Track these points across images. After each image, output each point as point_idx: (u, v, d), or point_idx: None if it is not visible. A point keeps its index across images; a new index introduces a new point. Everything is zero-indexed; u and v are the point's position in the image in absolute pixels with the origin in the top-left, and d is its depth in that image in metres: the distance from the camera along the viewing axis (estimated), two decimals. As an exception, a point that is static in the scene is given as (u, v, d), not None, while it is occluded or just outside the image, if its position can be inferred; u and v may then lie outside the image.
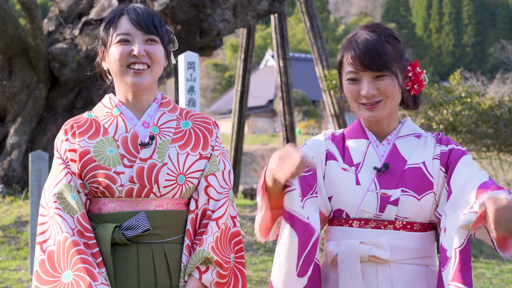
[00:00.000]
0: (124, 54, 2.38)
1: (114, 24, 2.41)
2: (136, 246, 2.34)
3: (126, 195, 2.35)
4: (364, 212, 2.39)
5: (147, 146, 2.38)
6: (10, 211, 9.55)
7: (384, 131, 2.49)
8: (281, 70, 14.42)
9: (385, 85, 2.38)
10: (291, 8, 46.25)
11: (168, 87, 16.56)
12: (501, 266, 9.14)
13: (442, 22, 57.98)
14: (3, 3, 10.69)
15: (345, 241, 2.40)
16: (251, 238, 9.26)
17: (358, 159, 2.45)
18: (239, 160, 14.86)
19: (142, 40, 2.39)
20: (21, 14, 13.98)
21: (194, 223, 2.40)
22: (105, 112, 2.46)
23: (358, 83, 2.40)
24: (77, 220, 2.32)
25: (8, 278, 7.01)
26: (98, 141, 2.39)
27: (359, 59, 2.37)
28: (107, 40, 2.42)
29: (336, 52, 24.95)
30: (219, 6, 10.78)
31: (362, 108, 2.43)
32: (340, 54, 2.47)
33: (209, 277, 2.34)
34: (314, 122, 36.98)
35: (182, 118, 2.50)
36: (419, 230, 2.40)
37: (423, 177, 2.39)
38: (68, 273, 2.25)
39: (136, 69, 2.39)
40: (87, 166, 2.36)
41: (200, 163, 2.43)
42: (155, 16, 2.45)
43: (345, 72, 2.43)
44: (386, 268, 2.37)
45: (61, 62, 11.05)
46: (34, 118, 11.31)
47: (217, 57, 46.75)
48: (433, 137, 2.49)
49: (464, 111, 11.02)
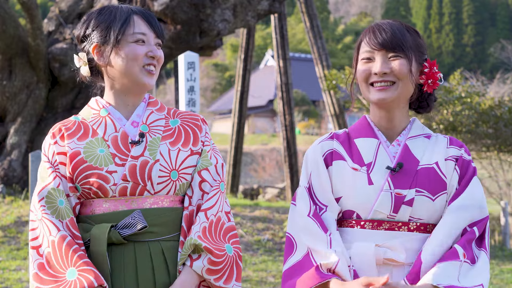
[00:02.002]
0: (142, 54, 2.38)
1: (130, 22, 2.39)
2: (133, 245, 2.33)
3: (120, 194, 2.34)
4: (378, 213, 2.34)
5: (138, 144, 2.37)
6: (10, 211, 9.55)
7: (394, 128, 2.45)
8: (281, 70, 14.41)
9: (399, 65, 2.35)
10: (291, 8, 46.23)
11: (168, 87, 16.56)
12: (501, 266, 9.14)
13: (442, 22, 57.96)
14: (3, 3, 10.68)
15: (358, 244, 2.34)
16: (251, 238, 9.26)
17: (369, 158, 2.40)
18: (239, 160, 14.86)
19: (154, 42, 2.41)
20: (21, 14, 13.98)
21: (189, 220, 2.39)
22: (92, 114, 2.45)
23: (372, 62, 2.38)
24: (66, 225, 2.30)
25: (8, 278, 7.01)
26: (87, 142, 2.38)
27: (376, 37, 2.36)
28: (120, 37, 2.37)
29: (336, 52, 25.13)
30: (219, 6, 10.77)
31: (372, 90, 2.39)
32: (359, 39, 2.46)
33: (200, 264, 2.32)
34: (314, 122, 36.98)
35: (170, 116, 2.51)
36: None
37: (437, 177, 2.36)
38: (71, 270, 2.23)
39: (151, 70, 2.41)
40: (78, 167, 2.34)
41: (192, 159, 2.43)
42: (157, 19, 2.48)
43: (361, 53, 2.41)
44: (400, 271, 2.32)
45: (61, 62, 11.05)
46: (34, 118, 11.31)
47: (217, 57, 46.74)
48: (445, 138, 2.46)
49: (464, 111, 11.02)
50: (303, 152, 22.33)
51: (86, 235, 2.33)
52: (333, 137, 2.49)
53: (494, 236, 13.94)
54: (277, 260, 8.38)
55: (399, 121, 2.44)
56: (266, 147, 30.57)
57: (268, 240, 9.26)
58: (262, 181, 24.74)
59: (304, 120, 37.65)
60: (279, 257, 8.54)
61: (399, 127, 2.45)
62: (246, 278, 7.43)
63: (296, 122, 24.39)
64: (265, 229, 9.75)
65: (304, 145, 26.30)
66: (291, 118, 14.46)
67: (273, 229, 9.78)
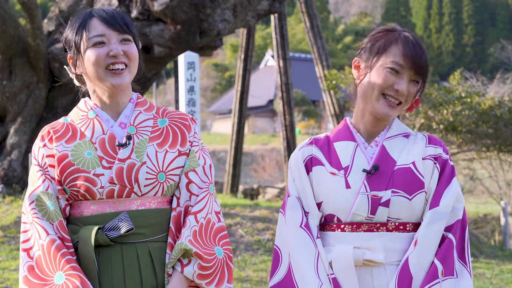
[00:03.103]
0: (102, 56, 2.36)
1: (86, 27, 2.37)
2: (120, 246, 2.34)
3: (107, 197, 2.34)
4: (356, 216, 2.37)
5: (125, 147, 2.37)
6: (10, 211, 9.55)
7: (374, 130, 2.47)
8: (281, 70, 14.41)
9: (414, 90, 2.40)
10: (291, 8, 46.23)
11: (168, 87, 16.56)
12: (501, 266, 9.14)
13: (442, 22, 57.97)
14: (3, 3, 10.68)
15: (338, 247, 2.38)
16: (251, 238, 9.26)
17: (347, 162, 2.43)
18: (239, 160, 14.85)
19: (117, 40, 2.38)
20: (21, 14, 13.98)
21: (177, 221, 2.39)
22: (80, 115, 2.45)
23: (398, 76, 2.38)
24: (56, 228, 2.32)
25: (8, 278, 7.01)
26: (75, 144, 2.38)
27: (411, 56, 2.36)
28: (79, 44, 2.38)
29: (336, 52, 25.11)
30: (219, 6, 10.77)
31: (382, 102, 2.40)
32: (383, 42, 2.41)
33: (191, 269, 2.32)
34: (314, 122, 36.97)
35: (159, 116, 2.50)
36: (412, 230, 2.39)
37: (413, 177, 2.38)
38: (59, 274, 2.25)
39: (116, 69, 2.37)
40: (66, 170, 2.35)
41: (180, 160, 2.42)
42: (124, 15, 2.43)
43: (388, 61, 2.38)
44: (381, 270, 2.36)
45: (61, 62, 11.04)
46: (34, 118, 11.30)
47: (217, 57, 46.74)
48: (424, 136, 2.48)
49: (464, 111, 11.01)
50: (303, 152, 22.32)
51: (74, 237, 2.34)
52: (312, 143, 2.52)
53: (494, 236, 13.95)
54: (277, 260, 8.37)
55: (382, 125, 2.48)
56: (266, 147, 30.56)
57: (268, 240, 9.26)
58: (262, 181, 24.74)
59: (304, 120, 37.65)
60: (279, 257, 8.52)
61: (382, 126, 2.48)
62: (246, 278, 7.43)
63: (296, 122, 24.39)
64: (265, 229, 9.75)
65: (304, 145, 26.23)
66: (291, 118, 14.46)
67: (273, 229, 9.77)
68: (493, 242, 12.77)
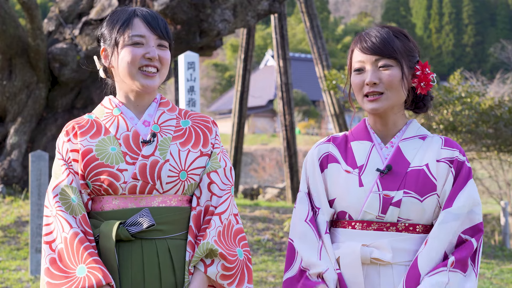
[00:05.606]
0: (138, 56, 2.41)
1: (128, 25, 2.42)
2: (140, 242, 2.37)
3: (130, 192, 2.38)
4: (367, 214, 2.41)
5: (149, 144, 2.41)
6: (10, 211, 9.56)
7: (389, 130, 2.51)
8: (281, 70, 14.42)
9: (388, 76, 2.41)
10: (291, 8, 46.24)
11: (168, 87, 16.58)
12: (501, 266, 9.14)
13: (442, 22, 57.97)
14: (3, 3, 10.68)
15: (346, 244, 2.42)
16: (251, 238, 9.26)
17: (362, 161, 2.47)
18: (239, 160, 14.85)
19: (155, 43, 2.44)
20: (21, 14, 13.98)
21: (196, 220, 2.43)
22: (105, 112, 2.50)
23: (363, 73, 2.44)
24: (79, 221, 2.36)
25: (8, 278, 7.01)
26: (100, 139, 2.43)
27: (366, 44, 2.43)
28: (119, 40, 2.43)
29: (336, 52, 25.11)
30: (219, 6, 10.78)
31: (365, 100, 2.46)
32: (350, 48, 2.52)
33: (214, 270, 2.36)
34: (314, 122, 36.97)
35: (181, 117, 2.55)
36: (422, 232, 2.41)
37: (426, 179, 2.40)
38: (81, 267, 2.28)
39: (148, 71, 2.43)
40: (90, 165, 2.39)
41: (201, 160, 2.46)
42: (165, 21, 2.49)
43: (354, 63, 2.47)
44: (388, 270, 2.38)
45: (61, 62, 11.05)
46: (34, 118, 11.30)
47: (217, 57, 46.76)
48: (440, 139, 2.49)
49: (464, 111, 11.02)
50: (303, 152, 22.34)
51: (95, 231, 2.38)
52: (330, 140, 2.57)
53: (494, 236, 13.95)
54: (277, 260, 8.39)
55: (394, 124, 2.50)
56: (266, 147, 30.56)
57: (268, 240, 9.26)
58: (262, 181, 24.75)
59: (304, 120, 37.65)
60: (279, 257, 8.54)
61: (394, 129, 2.51)
62: (246, 278, 7.42)
63: (296, 122, 24.40)
64: (265, 229, 9.76)
65: (304, 145, 26.31)
66: (291, 118, 14.46)
67: (273, 229, 9.78)
68: (493, 242, 12.78)
